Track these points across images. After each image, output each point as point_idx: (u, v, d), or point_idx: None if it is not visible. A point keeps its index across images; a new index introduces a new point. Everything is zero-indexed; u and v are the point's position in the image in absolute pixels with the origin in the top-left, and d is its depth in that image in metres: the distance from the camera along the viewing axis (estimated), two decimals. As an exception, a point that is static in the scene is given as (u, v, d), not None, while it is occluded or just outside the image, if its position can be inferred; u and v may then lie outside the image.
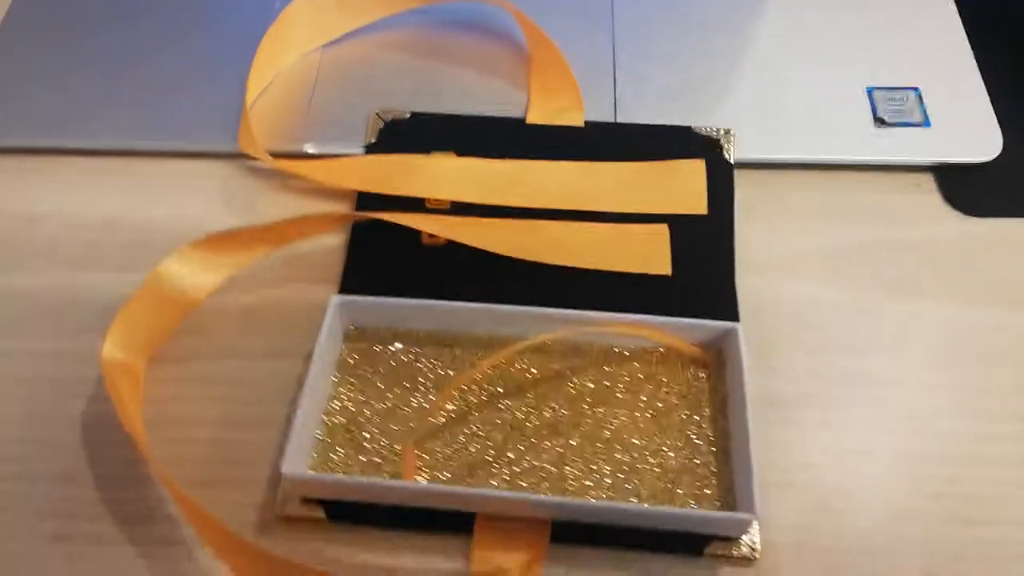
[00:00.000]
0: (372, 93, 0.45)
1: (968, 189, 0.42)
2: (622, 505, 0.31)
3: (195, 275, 0.38)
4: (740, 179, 0.42)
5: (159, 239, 0.41)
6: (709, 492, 0.32)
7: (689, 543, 0.31)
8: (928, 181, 0.42)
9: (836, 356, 0.37)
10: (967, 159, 0.42)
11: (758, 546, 0.31)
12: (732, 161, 0.41)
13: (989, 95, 0.44)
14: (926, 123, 0.43)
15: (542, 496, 0.31)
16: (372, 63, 0.46)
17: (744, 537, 0.31)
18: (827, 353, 0.37)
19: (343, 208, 0.42)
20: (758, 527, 0.31)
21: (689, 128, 0.42)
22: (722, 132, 0.42)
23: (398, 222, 0.39)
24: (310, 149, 0.43)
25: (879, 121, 0.43)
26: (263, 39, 0.44)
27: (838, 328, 0.37)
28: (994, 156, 0.42)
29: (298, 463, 0.32)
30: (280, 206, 0.42)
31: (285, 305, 0.39)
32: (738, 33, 0.47)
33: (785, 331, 0.37)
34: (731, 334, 0.34)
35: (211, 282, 0.39)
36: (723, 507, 0.31)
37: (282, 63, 0.46)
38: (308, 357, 0.36)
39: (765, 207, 0.41)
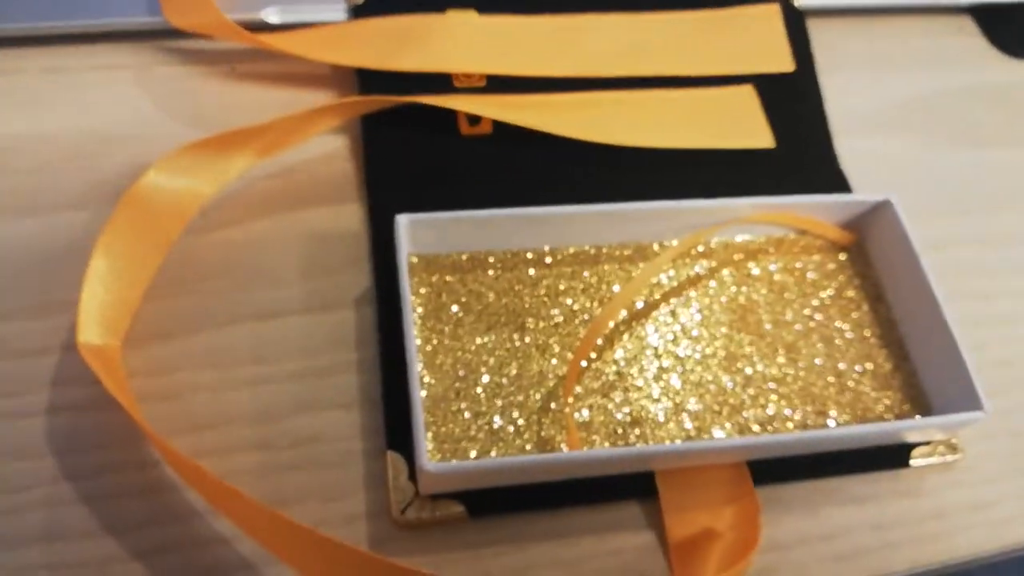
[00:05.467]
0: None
1: (1010, 29, 0.39)
2: (848, 430, 0.25)
3: (160, 212, 0.26)
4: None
5: (61, 166, 0.28)
6: (896, 394, 0.27)
7: (894, 457, 0.27)
8: (969, 23, 0.39)
9: (967, 218, 0.33)
10: (1006, -4, 0.39)
11: (958, 444, 0.27)
12: (800, 7, 0.35)
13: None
14: (966, -43, 0.39)
15: (739, 440, 0.25)
16: None
17: (940, 435, 0.27)
18: (954, 215, 0.33)
19: (330, 98, 0.31)
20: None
21: (746, -30, 0.35)
22: (783, -26, 0.35)
23: (434, 104, 0.29)
24: (271, 17, 0.31)
25: (925, -44, 0.38)
26: None
27: (953, 186, 0.34)
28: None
29: (427, 450, 0.23)
30: (239, 103, 0.30)
31: (294, 236, 0.28)
32: None
33: (904, 197, 0.33)
34: (884, 209, 0.29)
35: (177, 219, 0.27)
36: (914, 407, 0.27)
37: None
38: (359, 304, 0.27)
39: (822, 57, 0.36)
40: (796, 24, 0.34)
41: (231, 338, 0.26)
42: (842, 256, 0.30)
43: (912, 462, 0.27)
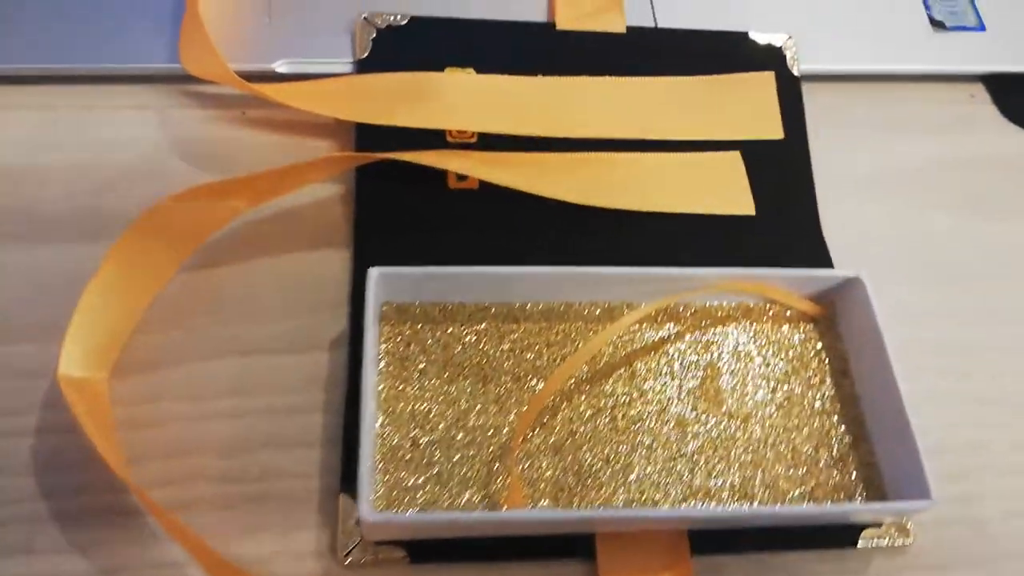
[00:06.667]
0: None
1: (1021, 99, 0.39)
2: (792, 509, 0.26)
3: (156, 252, 0.28)
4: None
5: (78, 200, 0.30)
6: (849, 472, 0.27)
7: (841, 536, 0.27)
8: (980, 91, 0.39)
9: (951, 291, 0.33)
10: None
11: (910, 527, 0.27)
12: (798, 74, 0.35)
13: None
14: (980, 27, 0.39)
15: (683, 511, 0.26)
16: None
17: (889, 518, 0.27)
18: (938, 288, 0.33)
19: (331, 146, 0.33)
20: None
21: (746, 34, 0.36)
22: (785, 39, 0.36)
23: (419, 162, 0.31)
24: (281, 68, 0.33)
25: (937, 25, 0.38)
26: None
27: (940, 257, 0.34)
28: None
29: (369, 500, 0.24)
30: (248, 147, 0.32)
31: (281, 278, 0.30)
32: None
33: (882, 266, 0.33)
34: (854, 285, 0.29)
35: (173, 259, 0.29)
36: (867, 487, 0.27)
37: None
38: (334, 346, 0.28)
39: (824, 123, 0.36)
40: (791, 91, 0.35)
41: (212, 372, 0.28)
42: (810, 328, 0.30)
43: (860, 543, 0.27)
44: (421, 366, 0.28)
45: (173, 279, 0.29)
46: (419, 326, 0.28)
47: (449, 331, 0.28)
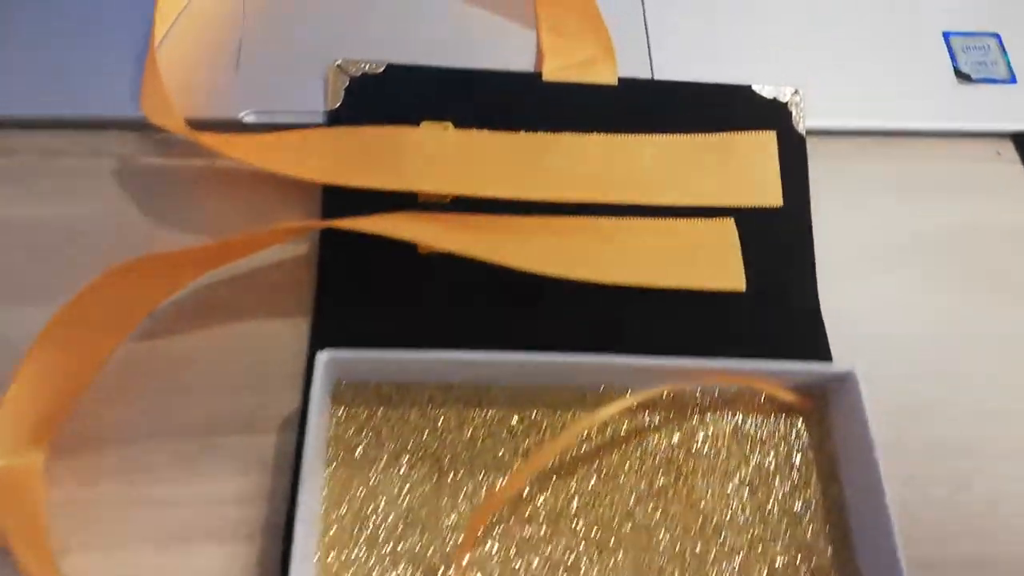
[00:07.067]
0: (326, 39, 0.33)
1: (1054, 159, 0.36)
2: None
3: (96, 328, 0.26)
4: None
5: (32, 256, 0.29)
6: (831, 587, 0.25)
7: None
8: (1009, 149, 0.36)
9: (959, 382, 0.30)
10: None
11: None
12: (803, 132, 0.33)
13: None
14: (1012, 79, 0.36)
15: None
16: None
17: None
18: (945, 378, 0.30)
19: (300, 203, 0.31)
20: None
21: (748, 87, 0.33)
22: (790, 93, 0.33)
23: (382, 233, 0.28)
24: (248, 118, 0.31)
25: (962, 77, 0.35)
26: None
27: (951, 343, 0.31)
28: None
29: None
30: (211, 199, 0.31)
31: (236, 349, 0.28)
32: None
33: (885, 352, 0.30)
34: (846, 379, 0.27)
35: (114, 335, 0.27)
36: (849, 606, 0.25)
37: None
38: (286, 426, 0.27)
39: (831, 183, 0.33)
40: (795, 151, 0.32)
41: (155, 454, 0.26)
42: (799, 421, 0.28)
43: (836, 668, 0.25)
44: (372, 454, 0.26)
45: (122, 348, 0.27)
46: (374, 408, 0.27)
47: (407, 416, 0.27)
